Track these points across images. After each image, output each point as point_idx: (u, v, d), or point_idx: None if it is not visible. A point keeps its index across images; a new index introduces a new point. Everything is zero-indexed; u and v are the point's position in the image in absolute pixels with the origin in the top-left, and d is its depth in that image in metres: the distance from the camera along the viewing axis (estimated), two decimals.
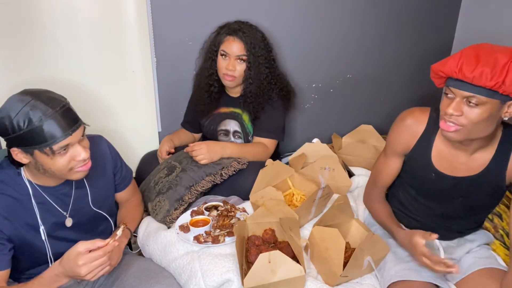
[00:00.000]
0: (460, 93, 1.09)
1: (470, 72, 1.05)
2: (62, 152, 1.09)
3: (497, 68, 1.03)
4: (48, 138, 1.05)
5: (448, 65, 1.10)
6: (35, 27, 1.58)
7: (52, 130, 1.05)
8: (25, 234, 1.16)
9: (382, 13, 2.24)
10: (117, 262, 1.28)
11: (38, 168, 1.11)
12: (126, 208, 1.52)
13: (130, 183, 1.49)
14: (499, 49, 1.07)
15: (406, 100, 2.50)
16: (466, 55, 1.08)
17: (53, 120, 1.05)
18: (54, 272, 1.09)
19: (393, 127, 1.33)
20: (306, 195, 1.63)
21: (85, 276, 1.05)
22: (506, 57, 1.03)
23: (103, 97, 1.78)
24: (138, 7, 1.70)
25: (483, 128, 1.12)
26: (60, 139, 1.06)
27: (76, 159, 1.12)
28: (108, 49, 1.72)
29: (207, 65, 1.78)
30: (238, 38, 1.70)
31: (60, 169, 1.11)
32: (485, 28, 2.33)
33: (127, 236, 1.39)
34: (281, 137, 1.85)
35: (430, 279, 1.23)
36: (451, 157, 1.25)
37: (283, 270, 1.19)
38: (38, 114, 1.03)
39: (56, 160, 1.09)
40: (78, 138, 1.11)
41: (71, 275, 1.08)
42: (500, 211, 1.59)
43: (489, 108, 1.08)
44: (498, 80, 1.03)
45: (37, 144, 1.05)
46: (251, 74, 1.72)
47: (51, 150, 1.06)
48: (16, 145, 1.07)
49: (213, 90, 1.81)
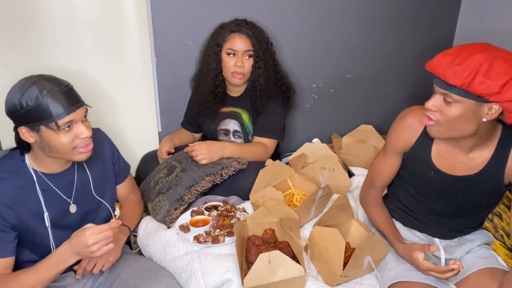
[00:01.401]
0: (438, 90, 1.12)
1: (443, 70, 1.08)
2: (67, 129, 1.15)
3: (469, 68, 1.04)
4: (53, 113, 1.11)
5: (431, 62, 1.13)
6: (35, 27, 1.58)
7: (57, 106, 1.11)
8: (29, 222, 1.20)
9: (383, 13, 2.24)
10: (116, 259, 1.30)
11: (44, 147, 1.16)
12: (125, 206, 1.53)
13: (127, 176, 1.52)
14: (485, 49, 1.07)
15: (406, 100, 2.50)
16: (450, 53, 1.10)
17: (57, 97, 1.12)
18: (61, 251, 1.14)
19: (394, 126, 1.34)
20: (306, 195, 1.63)
21: (91, 247, 1.10)
22: (482, 59, 1.04)
23: (103, 97, 1.78)
24: (138, 7, 1.70)
25: (459, 126, 1.13)
26: (64, 115, 1.12)
27: (79, 137, 1.17)
28: (108, 49, 1.72)
29: (211, 67, 1.76)
30: (243, 34, 1.70)
31: (64, 146, 1.16)
32: (485, 28, 2.33)
33: (126, 233, 1.39)
34: (281, 137, 1.85)
35: (431, 280, 1.23)
36: (450, 156, 1.25)
37: (283, 270, 1.19)
38: (45, 91, 1.10)
39: (60, 136, 1.14)
40: (81, 116, 1.17)
41: (78, 250, 1.12)
42: (500, 211, 1.59)
43: (463, 107, 1.09)
44: (465, 81, 1.04)
45: (43, 120, 1.11)
46: (260, 68, 1.73)
47: (57, 125, 1.12)
48: (24, 123, 1.13)
49: (219, 91, 1.80)
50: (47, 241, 1.24)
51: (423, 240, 1.39)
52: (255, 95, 1.76)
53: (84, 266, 1.27)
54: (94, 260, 1.27)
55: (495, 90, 1.03)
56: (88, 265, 1.27)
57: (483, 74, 1.03)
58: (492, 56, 1.04)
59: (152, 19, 1.76)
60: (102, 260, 1.28)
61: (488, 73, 1.03)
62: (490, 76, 1.03)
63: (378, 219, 1.39)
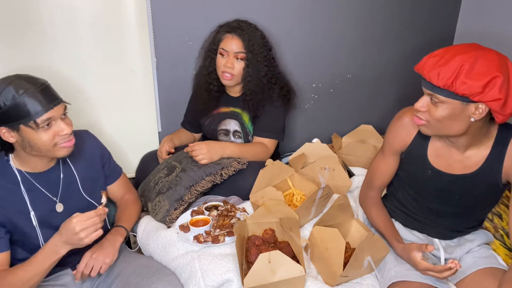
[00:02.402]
0: (425, 91, 1.14)
1: (428, 72, 1.10)
2: (46, 127, 1.15)
3: (451, 69, 1.05)
4: (31, 111, 1.12)
5: (419, 63, 1.15)
6: (35, 27, 1.58)
7: (35, 104, 1.12)
8: (16, 222, 1.21)
9: (382, 13, 2.24)
10: (112, 261, 1.30)
11: (25, 146, 1.17)
12: (121, 206, 1.53)
13: (120, 176, 1.52)
14: (469, 50, 1.07)
15: (406, 100, 2.48)
16: (435, 54, 1.12)
17: (34, 95, 1.12)
18: (52, 242, 1.16)
19: (390, 126, 1.35)
20: (306, 195, 1.63)
21: (79, 234, 1.11)
22: (464, 59, 1.05)
23: (103, 97, 1.78)
24: (138, 7, 1.70)
25: (448, 126, 1.14)
26: (42, 112, 1.13)
27: (60, 134, 1.18)
28: (108, 49, 1.72)
29: (206, 64, 1.78)
30: (236, 35, 1.70)
31: (45, 144, 1.17)
32: (485, 28, 2.33)
33: (122, 234, 1.39)
34: (281, 137, 1.85)
35: (430, 280, 1.23)
36: (447, 155, 1.26)
37: (283, 270, 1.19)
38: (21, 90, 1.11)
39: (40, 134, 1.15)
40: (59, 114, 1.18)
41: (67, 239, 1.13)
42: (500, 211, 1.59)
43: (450, 108, 1.10)
44: (447, 81, 1.05)
45: (21, 119, 1.12)
46: (250, 72, 1.72)
47: (35, 123, 1.13)
48: (3, 123, 1.13)
49: (213, 89, 1.81)
50: (37, 241, 1.25)
51: (422, 241, 1.39)
52: (248, 99, 1.77)
53: (82, 270, 1.26)
54: (91, 263, 1.26)
55: (477, 90, 1.04)
56: (85, 268, 1.26)
57: (464, 74, 1.04)
58: (474, 57, 1.05)
59: (152, 19, 1.76)
60: (99, 263, 1.27)
61: (470, 73, 1.04)
62: (472, 76, 1.04)
63: (377, 219, 1.40)
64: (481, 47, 1.10)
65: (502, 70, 1.04)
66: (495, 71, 1.03)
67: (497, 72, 1.03)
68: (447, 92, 1.08)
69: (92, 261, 1.27)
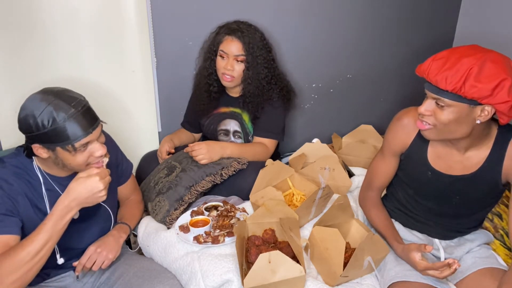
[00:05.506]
0: (430, 94, 1.12)
1: (434, 75, 1.08)
2: (82, 149, 1.15)
3: (459, 72, 1.04)
4: (71, 136, 1.11)
5: (422, 66, 1.13)
6: (35, 28, 1.58)
7: (75, 129, 1.11)
8: (34, 216, 1.20)
9: (382, 13, 2.24)
10: (115, 256, 1.30)
11: (58, 163, 1.17)
12: (126, 205, 1.53)
13: (130, 176, 1.52)
14: (474, 52, 1.07)
15: (406, 100, 2.50)
16: (439, 57, 1.10)
17: (75, 120, 1.11)
18: (65, 203, 1.12)
19: (390, 127, 1.35)
20: (306, 195, 1.63)
21: (103, 191, 1.13)
22: (471, 62, 1.04)
23: (103, 97, 1.78)
24: (138, 7, 1.70)
25: (454, 129, 1.13)
26: (82, 137, 1.12)
27: (94, 155, 1.18)
28: (108, 49, 1.72)
29: (206, 65, 1.78)
30: (236, 38, 1.70)
31: (79, 164, 1.17)
32: (485, 28, 2.33)
33: (126, 232, 1.39)
34: (281, 137, 1.85)
35: (430, 280, 1.23)
36: (446, 156, 1.26)
37: (283, 270, 1.19)
38: (62, 114, 1.09)
39: (76, 156, 1.15)
40: (97, 136, 1.18)
41: (88, 196, 1.12)
42: (500, 211, 1.59)
43: (457, 111, 1.09)
44: (456, 85, 1.04)
45: (60, 142, 1.11)
46: (250, 74, 1.72)
47: (73, 147, 1.12)
48: (39, 142, 1.12)
49: (213, 90, 1.81)
50: None
51: (422, 241, 1.39)
52: (247, 101, 1.77)
53: (84, 263, 1.26)
54: (94, 257, 1.27)
55: (487, 93, 1.04)
56: (88, 262, 1.26)
57: (474, 77, 1.03)
58: (482, 59, 1.05)
59: (152, 19, 1.76)
60: (102, 257, 1.27)
61: (478, 76, 1.03)
62: (481, 79, 1.03)
63: (377, 220, 1.40)
64: (483, 48, 1.10)
65: (510, 72, 1.04)
66: (503, 73, 1.03)
67: (505, 75, 1.03)
68: (454, 96, 1.07)
69: (95, 255, 1.27)
